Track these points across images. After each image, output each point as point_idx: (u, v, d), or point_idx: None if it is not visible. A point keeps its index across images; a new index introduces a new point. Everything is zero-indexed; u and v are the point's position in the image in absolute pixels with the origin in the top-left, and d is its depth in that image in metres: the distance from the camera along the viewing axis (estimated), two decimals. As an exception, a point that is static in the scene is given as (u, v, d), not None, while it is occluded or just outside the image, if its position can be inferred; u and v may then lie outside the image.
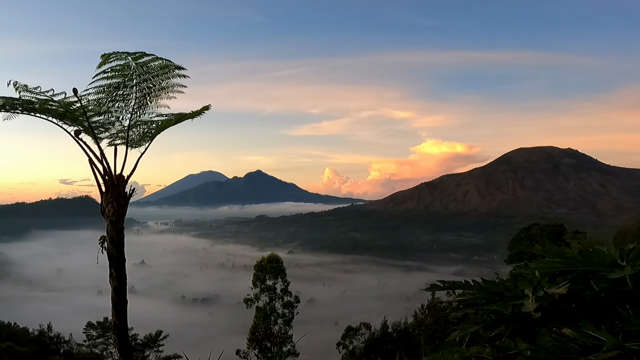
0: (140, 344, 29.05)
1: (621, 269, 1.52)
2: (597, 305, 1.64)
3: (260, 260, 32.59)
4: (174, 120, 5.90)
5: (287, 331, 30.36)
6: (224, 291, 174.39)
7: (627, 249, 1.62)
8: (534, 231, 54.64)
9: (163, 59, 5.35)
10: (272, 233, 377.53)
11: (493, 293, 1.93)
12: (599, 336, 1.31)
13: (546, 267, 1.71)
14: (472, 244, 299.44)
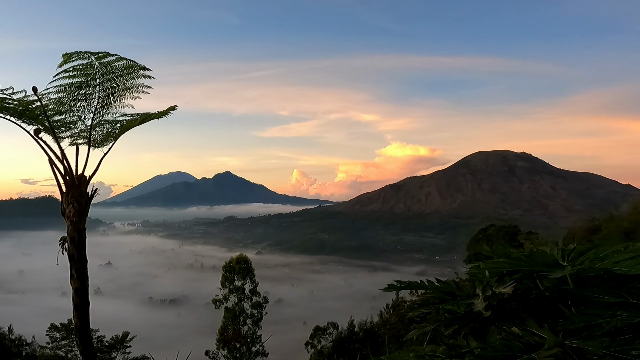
0: (107, 345, 28.17)
1: (562, 269, 1.55)
2: (543, 304, 1.66)
3: (229, 261, 32.18)
4: (139, 120, 5.74)
5: (256, 331, 30.09)
6: (192, 292, 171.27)
7: (568, 250, 1.65)
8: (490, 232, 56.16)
9: (127, 59, 5.21)
10: (241, 234, 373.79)
11: (446, 293, 1.94)
12: (542, 334, 1.33)
13: (495, 267, 1.73)
14: (434, 244, 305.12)
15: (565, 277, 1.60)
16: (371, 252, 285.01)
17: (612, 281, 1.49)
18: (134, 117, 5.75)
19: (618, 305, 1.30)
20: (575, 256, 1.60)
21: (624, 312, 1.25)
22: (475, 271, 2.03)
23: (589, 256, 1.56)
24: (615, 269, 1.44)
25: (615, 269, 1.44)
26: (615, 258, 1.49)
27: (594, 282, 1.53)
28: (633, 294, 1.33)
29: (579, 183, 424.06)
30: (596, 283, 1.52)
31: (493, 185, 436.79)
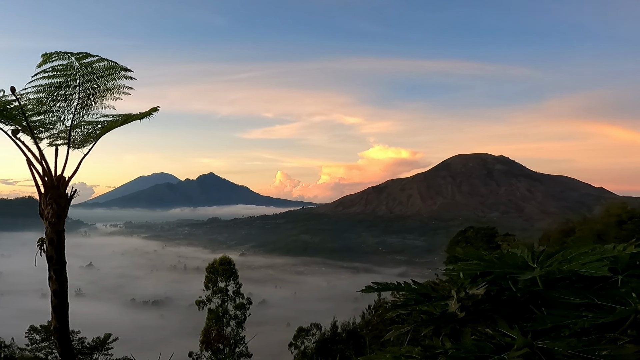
0: (88, 347, 27.67)
1: (531, 270, 1.57)
2: (515, 305, 1.68)
3: (212, 262, 31.90)
4: (121, 121, 5.66)
5: (240, 332, 29.89)
6: (175, 293, 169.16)
7: (538, 252, 1.67)
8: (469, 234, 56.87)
9: (109, 60, 5.12)
10: (224, 235, 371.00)
11: (422, 294, 1.94)
12: (512, 335, 1.34)
13: (468, 269, 1.74)
14: (415, 246, 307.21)
15: (536, 278, 1.62)
16: (354, 254, 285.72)
17: (579, 283, 1.51)
18: (116, 118, 5.66)
19: (584, 307, 1.32)
20: (544, 258, 1.62)
21: (589, 313, 1.27)
22: (451, 273, 2.05)
23: (557, 258, 1.59)
24: (581, 271, 1.46)
25: (582, 271, 1.46)
26: (582, 260, 1.52)
27: (562, 283, 1.55)
28: (598, 295, 1.35)
29: (554, 186, 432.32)
30: (564, 284, 1.54)
31: (472, 188, 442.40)
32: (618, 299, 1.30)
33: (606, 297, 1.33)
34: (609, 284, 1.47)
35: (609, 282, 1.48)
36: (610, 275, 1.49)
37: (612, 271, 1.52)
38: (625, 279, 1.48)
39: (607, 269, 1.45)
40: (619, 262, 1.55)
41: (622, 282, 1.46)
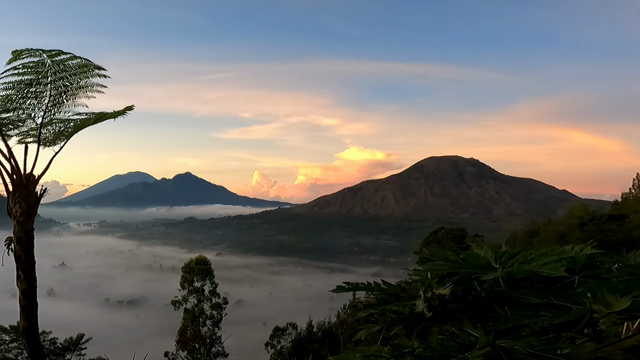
0: (60, 347, 26.83)
1: (494, 271, 1.59)
2: (480, 305, 1.70)
3: (188, 262, 31.45)
4: (94, 119, 5.51)
5: (216, 332, 29.59)
6: (151, 293, 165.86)
7: (500, 253, 1.69)
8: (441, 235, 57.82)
9: (82, 57, 4.99)
10: (201, 235, 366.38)
11: (391, 294, 1.94)
12: (476, 334, 1.35)
13: (435, 269, 1.75)
14: (389, 246, 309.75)
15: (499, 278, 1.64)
16: (329, 254, 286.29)
17: (539, 283, 1.54)
18: (89, 116, 5.52)
19: (543, 306, 1.34)
20: (506, 259, 1.64)
21: (547, 313, 1.29)
22: (419, 273, 2.06)
23: (519, 259, 1.61)
24: (540, 271, 1.49)
25: (541, 272, 1.49)
26: (541, 261, 1.55)
27: (523, 283, 1.58)
28: (556, 295, 1.38)
29: (520, 188, 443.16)
30: (525, 285, 1.56)
31: (444, 190, 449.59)
32: (574, 299, 1.33)
33: (563, 297, 1.36)
34: (567, 284, 1.51)
35: (567, 282, 1.51)
36: (567, 275, 1.52)
37: (570, 272, 1.56)
38: (581, 280, 1.51)
39: (564, 270, 1.48)
40: (576, 263, 1.58)
41: (579, 283, 1.50)
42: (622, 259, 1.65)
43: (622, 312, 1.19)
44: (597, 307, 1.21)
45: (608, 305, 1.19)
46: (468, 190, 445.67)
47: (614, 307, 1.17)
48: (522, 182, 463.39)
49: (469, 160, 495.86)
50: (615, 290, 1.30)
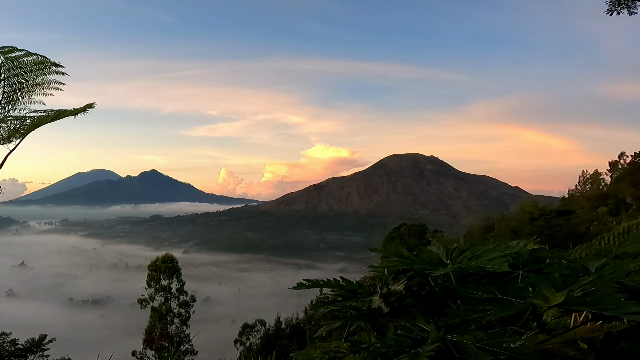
0: (22, 349, 25.66)
1: (444, 267, 1.62)
2: (434, 300, 1.72)
3: (155, 260, 30.79)
4: (52, 116, 5.25)
5: (184, 330, 29.12)
6: (116, 292, 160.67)
7: (451, 249, 1.73)
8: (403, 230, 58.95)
9: (38, 54, 4.75)
10: (167, 233, 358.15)
11: (348, 290, 1.95)
12: (428, 329, 1.37)
13: (392, 266, 1.77)
14: (354, 242, 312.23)
15: (450, 274, 1.67)
16: (296, 251, 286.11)
17: (486, 278, 1.58)
18: (47, 113, 5.25)
19: (488, 301, 1.38)
20: (456, 255, 1.68)
21: (492, 308, 1.32)
22: (377, 269, 2.07)
23: (467, 255, 1.65)
24: (486, 266, 1.53)
25: (487, 267, 1.53)
26: (487, 257, 1.59)
27: (472, 279, 1.61)
28: (501, 289, 1.41)
29: (477, 185, 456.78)
30: (474, 280, 1.60)
31: (405, 187, 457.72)
32: (517, 293, 1.37)
33: (507, 291, 1.39)
34: (511, 279, 1.55)
35: (512, 277, 1.56)
36: (511, 270, 1.57)
37: (514, 267, 1.60)
38: (524, 274, 1.56)
39: (507, 265, 1.52)
40: (520, 258, 1.63)
41: (522, 277, 1.54)
42: (563, 253, 1.73)
43: (560, 306, 1.24)
44: (536, 301, 1.25)
45: (546, 299, 1.23)
46: (428, 187, 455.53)
47: (551, 301, 1.22)
48: (479, 179, 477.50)
49: (429, 158, 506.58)
50: (554, 284, 1.35)
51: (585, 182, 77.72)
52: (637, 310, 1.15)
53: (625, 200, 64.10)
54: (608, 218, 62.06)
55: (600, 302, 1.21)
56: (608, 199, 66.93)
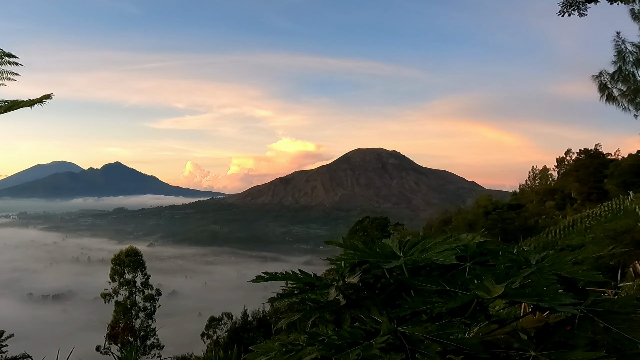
0: (-25, 346, 24.27)
1: (397, 259, 1.63)
2: (388, 292, 1.74)
3: (119, 253, 29.92)
4: (5, 107, 4.95)
5: (150, 324, 28.56)
6: (79, 286, 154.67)
7: (404, 242, 1.75)
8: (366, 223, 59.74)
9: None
10: (132, 226, 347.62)
11: (306, 283, 1.94)
12: (382, 321, 1.38)
13: (347, 259, 1.77)
14: (319, 235, 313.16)
15: (403, 266, 1.69)
16: (262, 243, 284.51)
17: (436, 270, 1.60)
18: (0, 104, 4.95)
19: (437, 293, 1.40)
20: (409, 248, 1.70)
21: (440, 299, 1.34)
22: (335, 262, 2.08)
23: (419, 247, 1.67)
24: (435, 259, 1.55)
25: (436, 259, 1.55)
26: (437, 249, 1.62)
27: (424, 271, 1.64)
28: (449, 281, 1.44)
29: (436, 179, 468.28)
30: (425, 272, 1.62)
31: (369, 180, 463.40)
32: (464, 285, 1.40)
33: (454, 283, 1.42)
34: (460, 271, 1.59)
35: (460, 269, 1.59)
36: (459, 263, 1.60)
37: (463, 259, 1.64)
38: (472, 266, 1.60)
39: (454, 258, 1.55)
40: (468, 251, 1.67)
41: (469, 269, 1.58)
42: (507, 246, 1.78)
43: (501, 297, 1.28)
44: (480, 293, 1.28)
45: (488, 291, 1.26)
46: (390, 181, 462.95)
47: (493, 292, 1.25)
48: (437, 173, 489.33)
49: (392, 153, 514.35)
50: (497, 276, 1.39)
51: (535, 178, 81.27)
52: (571, 302, 1.20)
53: (570, 195, 67.53)
54: (555, 212, 65.23)
55: (538, 293, 1.26)
56: (555, 194, 70.31)
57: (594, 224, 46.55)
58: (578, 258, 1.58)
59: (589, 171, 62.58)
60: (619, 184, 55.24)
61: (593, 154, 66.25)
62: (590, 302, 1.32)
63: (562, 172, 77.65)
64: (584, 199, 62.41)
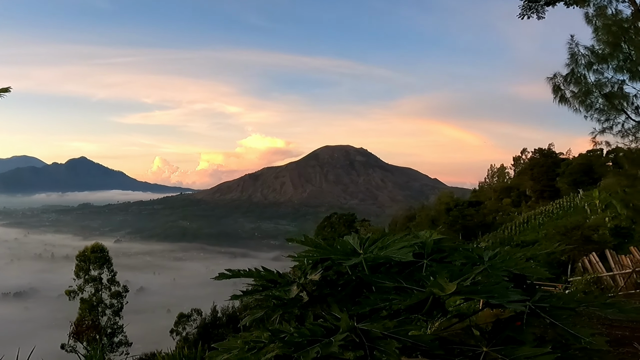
0: None
1: (357, 256, 1.63)
2: (350, 289, 1.73)
3: (84, 250, 29.05)
4: (-42, 100, 4.64)
5: (117, 321, 27.88)
6: (42, 284, 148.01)
7: (364, 239, 1.75)
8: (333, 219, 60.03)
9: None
10: (98, 222, 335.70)
11: (269, 280, 1.91)
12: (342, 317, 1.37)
13: (309, 256, 1.76)
14: (287, 231, 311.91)
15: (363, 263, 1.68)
16: (231, 239, 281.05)
17: (395, 267, 1.61)
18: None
19: (395, 290, 1.40)
20: (369, 245, 1.70)
21: (397, 296, 1.34)
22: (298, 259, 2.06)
23: (378, 245, 1.68)
24: (393, 256, 1.56)
25: (394, 257, 1.56)
26: (395, 246, 1.63)
27: (383, 268, 1.64)
28: (406, 278, 1.45)
29: (401, 176, 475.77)
30: (385, 269, 1.63)
31: (337, 177, 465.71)
32: (421, 282, 1.41)
33: (412, 280, 1.43)
34: (417, 268, 1.60)
35: (417, 266, 1.60)
36: (416, 260, 1.61)
37: (421, 256, 1.65)
38: (428, 263, 1.62)
39: (411, 255, 1.56)
40: (426, 248, 1.69)
41: (426, 266, 1.60)
42: (463, 243, 1.81)
43: (454, 294, 1.29)
44: (435, 290, 1.29)
45: (442, 288, 1.28)
46: (357, 178, 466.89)
47: (446, 290, 1.27)
48: (403, 171, 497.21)
49: (359, 150, 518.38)
50: (452, 273, 1.41)
51: (493, 176, 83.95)
52: (519, 299, 1.23)
53: (525, 193, 70.21)
54: (511, 209, 67.69)
55: (489, 290, 1.28)
56: (511, 191, 72.93)
57: (546, 221, 48.58)
58: (527, 255, 1.63)
59: (542, 170, 65.18)
60: (570, 182, 57.80)
61: (546, 154, 68.95)
62: (538, 298, 1.37)
63: (518, 171, 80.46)
64: (537, 196, 65.01)
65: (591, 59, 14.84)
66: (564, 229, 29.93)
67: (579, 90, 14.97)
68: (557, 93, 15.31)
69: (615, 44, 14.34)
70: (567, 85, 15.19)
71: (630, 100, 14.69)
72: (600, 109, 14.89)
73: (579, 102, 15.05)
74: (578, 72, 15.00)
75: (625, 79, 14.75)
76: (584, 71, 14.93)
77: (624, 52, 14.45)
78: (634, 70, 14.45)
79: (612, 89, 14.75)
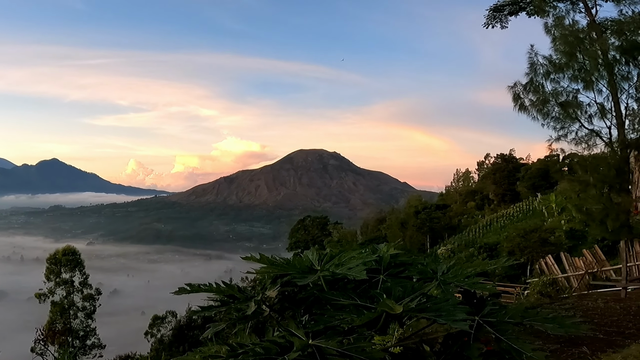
0: None
1: (314, 273, 1.60)
2: (308, 305, 1.70)
3: (55, 252, 28.03)
4: None
5: (90, 324, 26.96)
6: (11, 286, 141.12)
7: (323, 255, 1.72)
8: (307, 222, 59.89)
9: None
10: (69, 224, 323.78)
11: (228, 295, 1.86)
12: (299, 334, 1.34)
13: (265, 272, 1.72)
14: (262, 233, 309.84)
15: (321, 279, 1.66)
16: (206, 241, 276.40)
17: (351, 283, 1.59)
18: None
19: (350, 307, 1.38)
20: (327, 261, 1.68)
21: (352, 314, 1.32)
22: (259, 275, 2.01)
23: (335, 262, 1.65)
24: (348, 274, 1.54)
25: (349, 274, 1.54)
26: (350, 264, 1.61)
27: (340, 284, 1.62)
28: (361, 295, 1.43)
29: (372, 180, 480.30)
30: (342, 285, 1.61)
31: (310, 180, 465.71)
32: (375, 299, 1.39)
33: (365, 297, 1.41)
34: (373, 284, 1.58)
35: (373, 282, 1.59)
36: (374, 275, 1.60)
37: (377, 272, 1.64)
38: (384, 279, 1.60)
39: (365, 273, 1.55)
40: (382, 262, 1.68)
41: (382, 282, 1.58)
42: (418, 257, 1.81)
43: (403, 314, 1.28)
44: (385, 309, 1.28)
45: (390, 309, 1.27)
46: (330, 182, 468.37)
47: (394, 310, 1.26)
48: (374, 174, 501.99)
49: (332, 154, 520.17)
50: (405, 289, 1.40)
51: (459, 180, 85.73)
52: (463, 317, 1.23)
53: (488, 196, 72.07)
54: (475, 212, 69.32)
55: (437, 309, 1.28)
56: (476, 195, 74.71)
57: (507, 223, 49.94)
58: (477, 270, 1.65)
59: (504, 174, 67.04)
60: (529, 186, 59.70)
61: (508, 159, 70.94)
62: (487, 312, 1.38)
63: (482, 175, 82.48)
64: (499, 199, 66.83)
65: (549, 68, 14.92)
66: (523, 231, 30.80)
67: (537, 99, 15.03)
68: (517, 101, 15.42)
69: (571, 54, 14.42)
70: (526, 94, 15.27)
71: (584, 109, 14.72)
72: (556, 117, 14.97)
73: (537, 110, 15.17)
74: (536, 81, 15.07)
75: (579, 88, 14.83)
76: (542, 80, 15.04)
77: (579, 62, 14.52)
78: (588, 79, 14.47)
79: (568, 97, 14.80)
